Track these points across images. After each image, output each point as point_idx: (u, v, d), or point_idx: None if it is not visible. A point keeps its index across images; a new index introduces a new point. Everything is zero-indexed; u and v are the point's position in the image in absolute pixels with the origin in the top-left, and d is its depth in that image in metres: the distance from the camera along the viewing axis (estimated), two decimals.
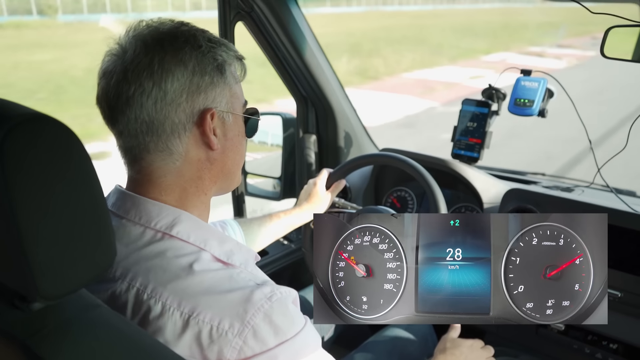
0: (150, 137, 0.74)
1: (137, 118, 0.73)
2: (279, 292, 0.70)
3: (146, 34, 0.75)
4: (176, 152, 0.76)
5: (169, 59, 0.72)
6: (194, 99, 0.74)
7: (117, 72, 0.73)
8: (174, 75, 0.72)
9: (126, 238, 0.74)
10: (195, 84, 0.74)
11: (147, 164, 0.76)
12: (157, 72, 0.72)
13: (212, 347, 0.67)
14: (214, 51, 0.76)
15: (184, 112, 0.74)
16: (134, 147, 0.76)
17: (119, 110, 0.74)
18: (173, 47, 0.73)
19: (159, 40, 0.74)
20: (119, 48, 0.75)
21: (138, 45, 0.73)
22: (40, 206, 0.51)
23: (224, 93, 0.78)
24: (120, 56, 0.74)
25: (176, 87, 0.73)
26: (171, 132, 0.74)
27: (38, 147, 0.51)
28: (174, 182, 0.77)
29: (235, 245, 0.78)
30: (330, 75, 1.72)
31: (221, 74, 0.77)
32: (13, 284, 0.55)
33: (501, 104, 1.57)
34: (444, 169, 1.56)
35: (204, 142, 0.77)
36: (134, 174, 0.78)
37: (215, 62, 0.76)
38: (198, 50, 0.74)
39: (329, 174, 1.40)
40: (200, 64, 0.74)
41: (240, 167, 0.87)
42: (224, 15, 1.48)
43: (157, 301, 0.69)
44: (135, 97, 0.72)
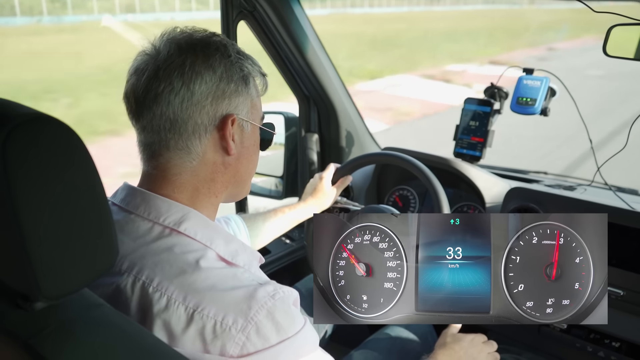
0: (172, 134, 0.77)
1: (163, 115, 0.76)
2: (282, 291, 0.72)
3: (180, 39, 0.79)
4: (194, 152, 0.78)
5: (200, 62, 0.76)
6: (218, 103, 0.78)
7: (149, 69, 0.77)
8: (203, 78, 0.76)
9: (134, 232, 0.76)
10: (221, 89, 0.77)
11: (165, 160, 0.79)
12: (187, 73, 0.75)
13: (216, 342, 0.68)
14: (241, 62, 0.80)
15: (207, 114, 0.77)
16: (154, 142, 0.79)
17: (145, 106, 0.77)
18: (205, 52, 0.77)
19: (192, 45, 0.78)
20: (153, 49, 0.79)
21: (172, 47, 0.77)
22: (43, 206, 0.52)
23: (246, 102, 0.81)
24: (153, 56, 0.78)
25: (203, 90, 0.76)
26: (192, 132, 0.77)
27: (40, 147, 0.51)
28: (187, 180, 0.79)
29: (241, 246, 0.79)
30: (333, 74, 1.72)
31: (245, 84, 0.81)
32: (15, 284, 0.55)
33: (503, 102, 1.57)
34: (446, 167, 1.56)
35: (222, 146, 0.80)
36: (150, 170, 0.81)
37: (242, 73, 0.80)
38: (227, 59, 0.79)
39: (335, 169, 1.40)
40: (227, 71, 0.78)
41: (251, 177, 0.90)
42: (226, 15, 1.48)
43: (162, 295, 0.70)
44: (164, 95, 0.75)
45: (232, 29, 1.49)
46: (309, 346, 0.73)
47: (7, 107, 0.53)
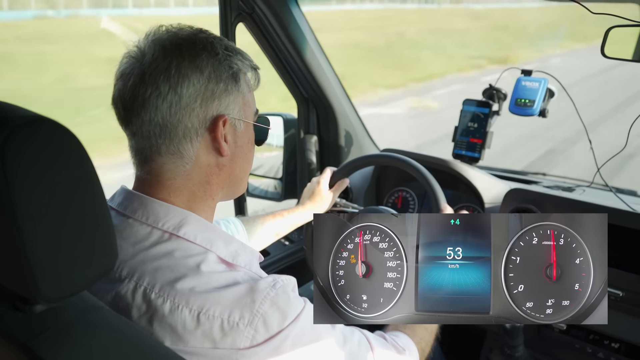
0: (163, 139, 0.76)
1: (152, 120, 0.75)
2: (281, 280, 0.74)
3: (165, 39, 0.76)
4: (187, 155, 0.77)
5: (186, 64, 0.74)
6: (207, 105, 0.76)
7: (134, 74, 0.75)
8: (190, 81, 0.74)
9: (133, 238, 0.75)
10: (210, 90, 0.76)
11: (158, 165, 0.78)
12: (173, 76, 0.73)
13: (225, 340, 0.69)
14: (230, 59, 0.78)
15: (197, 117, 0.75)
16: (145, 148, 0.77)
17: (133, 112, 0.75)
18: (191, 53, 0.75)
19: (177, 46, 0.75)
20: (138, 51, 0.76)
21: (157, 49, 0.75)
22: (41, 208, 0.51)
23: (237, 101, 0.79)
24: (138, 59, 0.75)
25: (191, 92, 0.74)
26: (183, 136, 0.76)
27: (38, 149, 0.51)
28: (182, 184, 0.78)
29: (240, 246, 0.79)
30: (331, 76, 1.72)
31: (235, 82, 0.79)
32: (14, 287, 0.55)
33: (502, 104, 1.57)
34: (445, 169, 1.56)
35: (215, 147, 0.78)
36: (143, 175, 0.80)
37: (231, 70, 0.78)
38: (215, 57, 0.76)
39: (332, 173, 1.40)
40: (216, 71, 0.76)
41: (247, 174, 0.89)
42: (225, 17, 1.48)
43: (165, 300, 0.70)
44: (151, 100, 0.74)
45: (231, 31, 1.49)
46: (311, 322, 0.76)
47: (5, 110, 0.53)
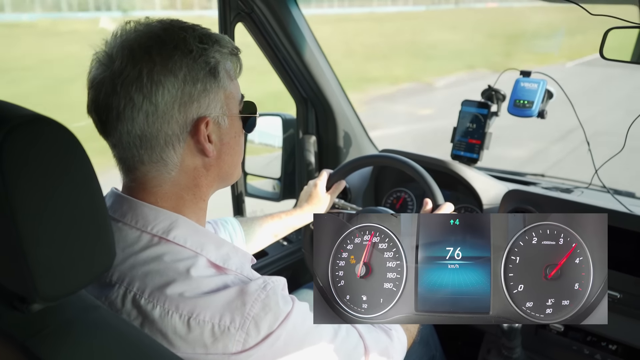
0: (144, 149, 0.73)
1: (130, 132, 0.72)
2: (271, 281, 0.73)
3: (133, 40, 0.72)
4: (171, 162, 0.75)
5: (158, 69, 0.70)
6: (186, 109, 0.72)
7: (105, 83, 0.71)
8: (165, 87, 0.70)
9: (122, 242, 0.74)
10: (187, 93, 0.72)
11: (142, 174, 0.76)
12: (146, 85, 0.69)
13: (216, 344, 0.68)
14: (205, 54, 0.73)
15: (177, 123, 0.72)
16: (128, 158, 0.75)
17: (110, 124, 0.73)
18: (162, 55, 0.70)
19: (146, 49, 0.71)
20: (106, 56, 0.72)
21: (125, 54, 0.70)
22: (40, 207, 0.51)
23: (218, 97, 0.75)
24: (108, 65, 0.71)
25: (167, 100, 0.71)
26: (165, 144, 0.73)
27: (38, 148, 0.51)
28: (169, 190, 0.77)
29: (232, 249, 0.78)
30: (330, 76, 1.72)
31: (214, 77, 0.74)
32: (12, 285, 0.55)
33: (500, 105, 1.58)
34: (443, 170, 1.56)
35: (199, 150, 0.76)
36: (129, 182, 0.78)
37: (208, 67, 0.73)
38: (188, 56, 0.72)
39: (329, 175, 1.40)
40: (191, 71, 0.72)
41: (238, 165, 0.86)
42: (224, 17, 1.48)
43: (155, 305, 0.69)
44: (126, 112, 0.71)
45: (230, 31, 1.49)
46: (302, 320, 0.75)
47: (5, 109, 0.53)
